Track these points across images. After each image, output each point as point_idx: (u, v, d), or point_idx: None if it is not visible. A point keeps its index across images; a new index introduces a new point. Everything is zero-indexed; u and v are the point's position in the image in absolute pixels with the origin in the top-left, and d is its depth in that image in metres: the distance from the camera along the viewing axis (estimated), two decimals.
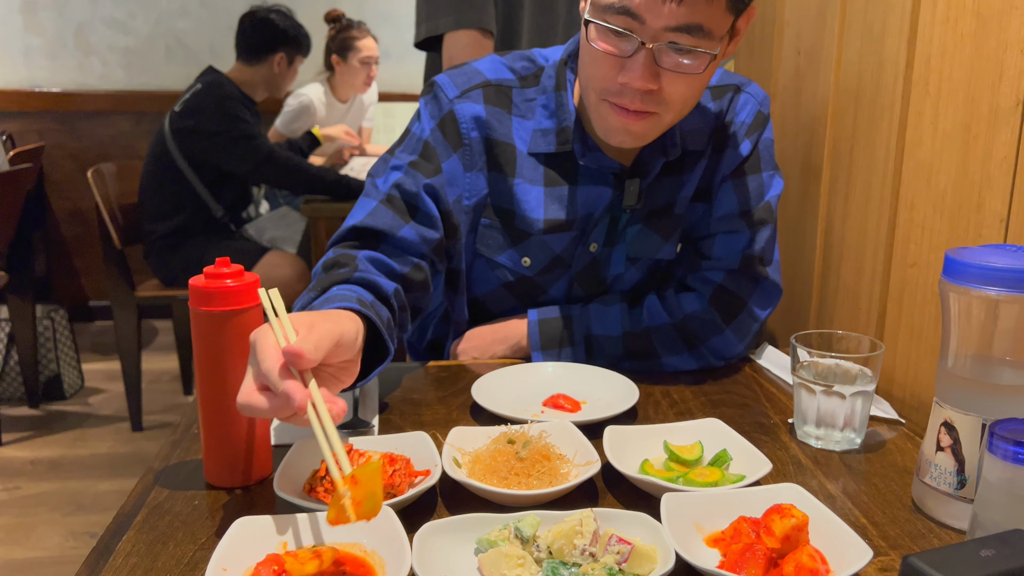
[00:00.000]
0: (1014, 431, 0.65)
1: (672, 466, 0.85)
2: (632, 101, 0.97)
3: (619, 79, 0.97)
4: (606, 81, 0.98)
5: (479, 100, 1.11)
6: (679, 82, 0.96)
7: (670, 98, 0.98)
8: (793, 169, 1.43)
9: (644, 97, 0.97)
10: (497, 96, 1.12)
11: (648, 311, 1.14)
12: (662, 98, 0.98)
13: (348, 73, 3.36)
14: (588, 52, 1.00)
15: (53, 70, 3.79)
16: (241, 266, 0.81)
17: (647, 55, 0.94)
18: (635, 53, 0.94)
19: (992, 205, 0.93)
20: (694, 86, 0.98)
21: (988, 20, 0.94)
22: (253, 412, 0.71)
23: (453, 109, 1.10)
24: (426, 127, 1.11)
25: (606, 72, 0.98)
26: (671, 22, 0.91)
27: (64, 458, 2.63)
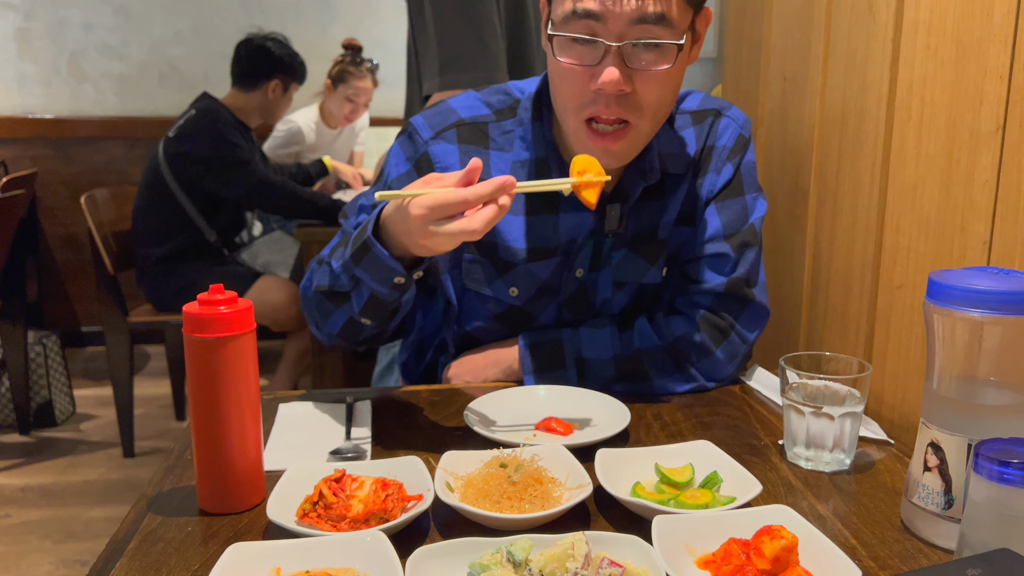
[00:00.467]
0: (999, 451, 0.66)
1: (663, 488, 0.86)
2: (608, 107, 0.99)
3: (591, 86, 0.98)
4: (579, 96, 1.00)
5: (453, 140, 1.13)
6: (651, 83, 0.98)
7: (644, 101, 0.99)
8: (781, 192, 1.45)
9: (619, 101, 0.98)
10: (472, 134, 1.14)
11: (638, 334, 1.15)
12: (636, 102, 0.99)
13: (334, 101, 3.39)
14: (558, 72, 1.02)
15: (47, 97, 3.81)
16: (235, 292, 0.82)
17: (615, 57, 0.96)
18: (603, 59, 0.96)
19: (975, 228, 0.95)
20: (667, 86, 1.00)
21: (968, 48, 0.96)
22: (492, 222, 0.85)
23: (428, 150, 1.13)
24: (396, 169, 1.14)
25: (578, 86, 0.99)
26: (633, 15, 0.94)
27: (55, 485, 2.61)
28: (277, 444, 0.99)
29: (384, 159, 1.19)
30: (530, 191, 0.94)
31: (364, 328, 1.07)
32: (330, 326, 1.10)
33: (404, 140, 1.16)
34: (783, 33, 1.43)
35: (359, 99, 3.40)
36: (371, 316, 1.04)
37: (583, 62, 0.98)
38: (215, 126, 2.68)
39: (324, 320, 1.10)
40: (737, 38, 1.66)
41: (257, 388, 0.83)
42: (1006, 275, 0.76)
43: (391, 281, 0.98)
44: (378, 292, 1.00)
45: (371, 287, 1.00)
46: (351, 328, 1.08)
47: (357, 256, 0.98)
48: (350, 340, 1.11)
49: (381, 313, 1.04)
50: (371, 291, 1.00)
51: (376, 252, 0.95)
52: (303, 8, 3.90)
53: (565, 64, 0.99)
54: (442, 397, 1.14)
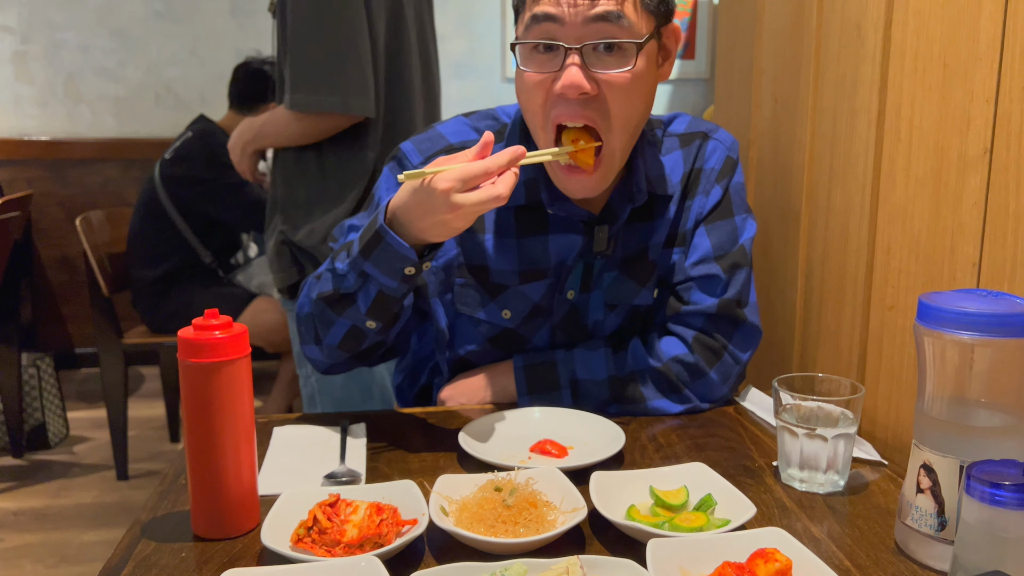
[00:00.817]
0: (990, 473, 0.66)
1: (658, 511, 0.86)
2: (571, 112, 1.00)
3: (555, 90, 0.99)
4: (544, 105, 1.01)
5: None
6: (615, 89, 0.99)
7: (611, 109, 1.00)
8: (772, 213, 1.46)
9: (585, 105, 0.99)
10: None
11: (632, 355, 1.15)
12: (604, 108, 1.00)
13: None
14: (523, 87, 1.03)
15: (43, 119, 3.82)
16: (229, 317, 0.82)
17: (575, 58, 0.97)
18: (564, 63, 0.98)
19: (964, 250, 0.96)
20: (632, 95, 1.01)
21: (955, 72, 0.97)
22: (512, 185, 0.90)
23: None
24: (387, 194, 1.15)
25: (541, 96, 1.01)
26: (589, 13, 0.96)
27: (48, 508, 2.59)
28: (271, 468, 0.99)
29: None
30: (535, 161, 0.98)
31: (367, 335, 1.06)
32: (331, 336, 1.08)
33: (393, 166, 1.17)
34: (774, 56, 1.45)
35: None
36: (378, 316, 1.03)
37: (545, 69, 1.00)
38: (211, 148, 2.69)
39: (325, 330, 1.08)
40: (728, 60, 1.68)
41: (252, 412, 0.84)
42: (995, 297, 0.76)
43: (402, 272, 0.97)
44: (387, 287, 0.99)
45: (380, 282, 0.99)
46: (354, 336, 1.06)
47: (367, 249, 0.98)
48: (351, 350, 1.09)
49: (387, 312, 1.03)
50: (380, 287, 1.00)
51: (389, 240, 0.95)
52: None
53: (529, 74, 1.01)
54: (437, 419, 1.14)
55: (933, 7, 1.01)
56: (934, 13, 1.00)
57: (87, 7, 3.77)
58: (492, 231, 1.14)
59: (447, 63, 4.06)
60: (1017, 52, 0.88)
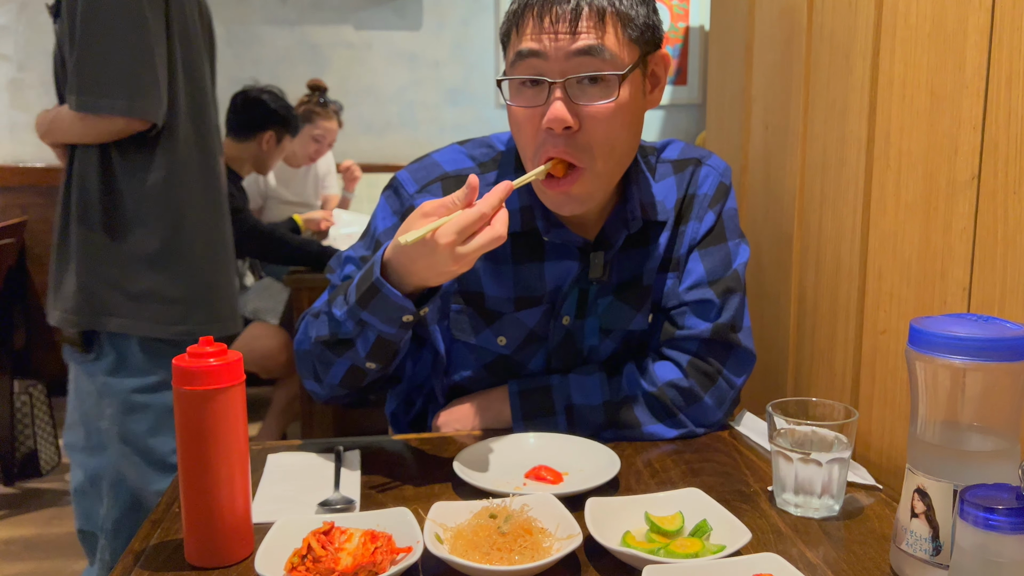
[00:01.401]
0: (984, 497, 0.66)
1: (653, 537, 0.86)
2: (556, 146, 1.01)
3: (542, 125, 1.01)
4: (534, 139, 1.03)
5: (438, 193, 1.14)
6: (598, 120, 1.00)
7: (593, 140, 1.01)
8: (765, 238, 1.47)
9: (568, 141, 1.01)
10: (457, 187, 1.14)
11: (627, 380, 1.16)
12: (586, 142, 1.01)
13: (299, 141, 3.42)
14: (513, 121, 1.05)
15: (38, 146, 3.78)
16: (224, 344, 0.82)
17: (559, 92, 0.99)
18: (549, 97, 0.99)
19: (955, 274, 0.97)
20: (615, 124, 1.02)
21: (942, 99, 0.99)
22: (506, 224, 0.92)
23: (413, 204, 1.14)
24: (384, 223, 1.16)
25: (531, 130, 1.03)
26: (571, 47, 0.98)
27: (39, 537, 2.57)
28: (265, 496, 0.98)
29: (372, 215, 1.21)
30: (521, 184, 0.99)
31: (368, 373, 1.07)
32: (332, 376, 1.09)
33: (390, 195, 1.18)
34: (764, 84, 1.47)
35: (325, 139, 3.44)
36: (378, 359, 1.04)
37: (532, 104, 1.01)
38: None
39: (325, 371, 1.09)
40: (720, 87, 1.70)
41: (246, 439, 0.83)
42: (986, 322, 0.77)
43: (400, 320, 0.99)
44: (386, 333, 1.01)
45: (379, 329, 1.00)
46: (354, 375, 1.07)
47: (364, 300, 0.99)
48: (351, 387, 1.10)
49: (388, 354, 1.04)
50: (378, 333, 1.01)
51: (386, 292, 0.96)
52: (294, 59, 3.96)
53: (517, 109, 1.03)
54: (432, 445, 1.14)
55: (920, 36, 1.02)
56: (921, 42, 1.02)
57: None
58: (488, 258, 1.15)
59: (442, 90, 4.10)
60: (1003, 80, 0.89)
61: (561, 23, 0.97)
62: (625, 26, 1.00)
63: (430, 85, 4.08)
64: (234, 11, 3.88)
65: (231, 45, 3.91)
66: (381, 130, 4.08)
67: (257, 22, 3.90)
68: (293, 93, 3.28)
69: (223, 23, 3.87)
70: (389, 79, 4.05)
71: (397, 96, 4.07)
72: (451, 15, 4.05)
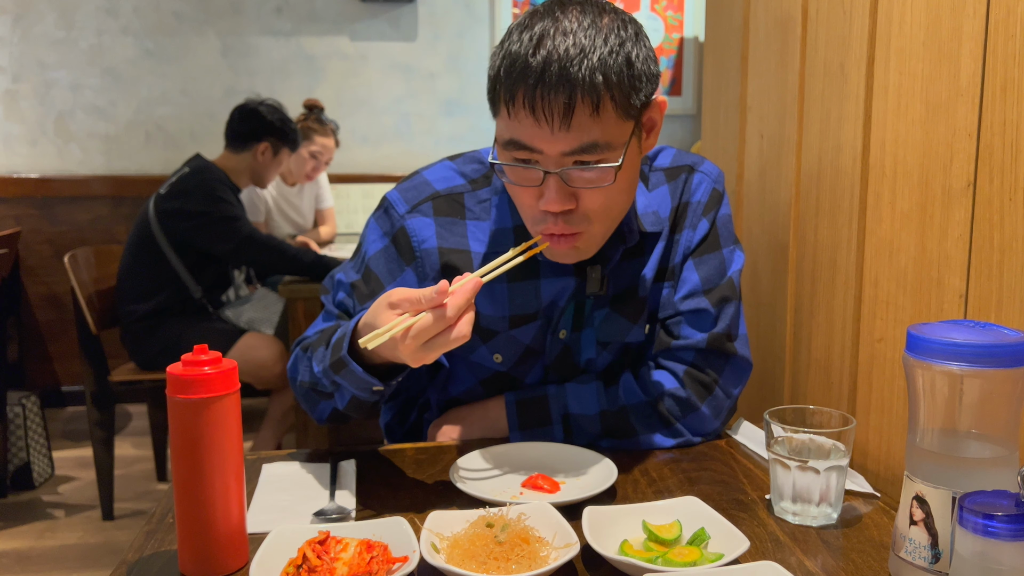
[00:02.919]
0: (983, 504, 0.66)
1: (651, 546, 0.85)
2: (556, 224, 0.99)
3: (540, 207, 0.98)
4: (531, 211, 1.01)
5: (429, 213, 1.14)
6: (595, 195, 0.98)
7: (591, 212, 0.99)
8: (761, 247, 1.47)
9: (567, 219, 0.99)
10: (448, 205, 1.15)
11: (624, 389, 1.15)
12: (583, 215, 0.99)
13: (296, 159, 3.42)
14: (509, 187, 1.03)
15: (32, 157, 3.83)
16: (219, 353, 0.82)
17: (555, 180, 0.96)
18: (544, 180, 0.97)
19: (951, 282, 0.97)
20: (613, 195, 0.99)
21: (936, 108, 0.99)
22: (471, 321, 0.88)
23: (404, 225, 1.14)
24: (373, 246, 1.16)
25: (527, 202, 1.00)
26: (565, 147, 0.93)
27: (32, 550, 2.55)
28: (260, 506, 0.98)
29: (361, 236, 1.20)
30: (495, 275, 0.95)
31: (351, 417, 1.12)
32: (319, 413, 1.14)
33: (380, 215, 1.17)
34: (759, 93, 1.47)
35: (322, 157, 3.45)
36: (357, 412, 1.09)
37: (527, 183, 0.99)
38: (207, 183, 2.72)
39: (313, 407, 1.14)
40: (715, 97, 1.70)
41: (241, 449, 0.83)
42: (984, 328, 0.77)
43: (370, 389, 1.02)
44: (359, 395, 1.04)
45: (352, 392, 1.04)
46: (339, 416, 1.13)
47: (336, 367, 1.01)
48: (340, 423, 1.16)
49: (365, 409, 1.09)
50: (352, 395, 1.04)
51: (352, 368, 0.98)
52: (290, 70, 3.96)
53: (511, 184, 1.01)
54: (428, 455, 1.14)
55: (914, 45, 1.03)
56: (915, 51, 1.03)
57: (78, 47, 3.80)
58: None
59: (437, 101, 4.11)
60: (998, 87, 0.90)
61: (555, 120, 0.91)
62: (619, 107, 0.94)
63: (425, 96, 4.09)
64: (229, 22, 3.88)
65: (226, 56, 3.91)
66: (376, 141, 4.08)
67: (252, 33, 3.91)
68: (289, 104, 3.28)
69: (218, 34, 3.88)
70: (384, 90, 4.06)
71: (392, 107, 4.07)
72: (446, 27, 4.06)
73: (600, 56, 0.91)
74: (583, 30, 0.92)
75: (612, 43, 0.92)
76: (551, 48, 0.91)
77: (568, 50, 0.91)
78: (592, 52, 0.91)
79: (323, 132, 3.41)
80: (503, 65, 0.94)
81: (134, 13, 3.82)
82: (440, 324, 0.87)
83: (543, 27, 0.93)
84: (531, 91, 0.91)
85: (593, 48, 0.91)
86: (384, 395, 1.04)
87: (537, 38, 0.92)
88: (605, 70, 0.91)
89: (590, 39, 0.92)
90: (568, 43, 0.91)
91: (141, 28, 3.83)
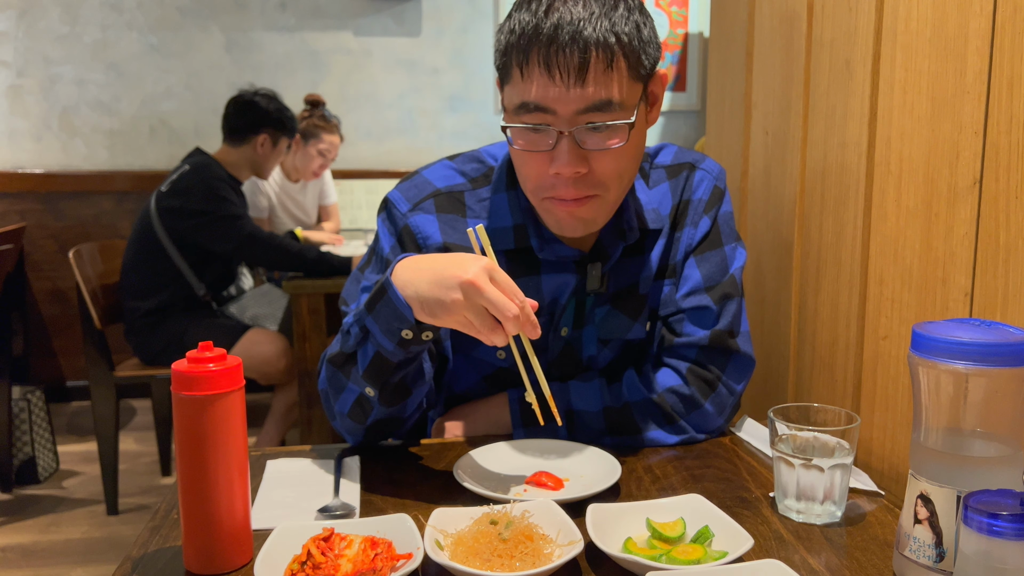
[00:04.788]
0: (988, 503, 0.66)
1: (655, 543, 0.85)
2: (567, 190, 1.00)
3: (550, 171, 0.99)
4: (539, 178, 1.01)
5: (431, 210, 1.14)
6: (607, 159, 0.99)
7: (603, 177, 1.00)
8: (765, 244, 1.47)
9: (577, 183, 1.00)
10: (449, 203, 1.15)
11: (627, 386, 1.15)
12: (596, 179, 1.00)
13: (303, 157, 3.42)
14: (516, 156, 1.03)
15: (37, 152, 3.84)
16: (224, 349, 0.82)
17: (568, 141, 0.97)
18: (557, 143, 0.97)
19: (956, 280, 0.97)
20: (624, 159, 1.01)
21: (942, 105, 0.99)
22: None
23: (408, 223, 1.14)
24: (386, 244, 1.16)
25: (537, 169, 1.01)
26: (580, 105, 0.95)
27: (37, 544, 2.56)
28: (265, 502, 0.98)
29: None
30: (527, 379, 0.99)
31: (372, 405, 1.05)
32: (341, 403, 1.08)
33: (385, 217, 1.17)
34: (764, 90, 1.47)
35: (330, 154, 3.45)
36: (372, 379, 1.02)
37: (538, 148, 0.99)
38: (208, 181, 2.71)
39: (336, 396, 1.09)
40: (719, 93, 1.70)
41: (245, 445, 0.83)
42: (988, 327, 0.77)
43: (399, 334, 0.97)
44: (384, 348, 0.98)
45: (378, 341, 0.98)
46: (360, 405, 1.06)
47: (372, 302, 0.98)
48: (359, 421, 1.09)
49: (382, 378, 1.02)
50: (377, 348, 0.99)
51: (391, 294, 0.95)
52: (294, 65, 3.96)
53: (521, 152, 1.01)
54: (431, 452, 1.14)
55: (920, 42, 1.02)
56: (922, 48, 1.02)
57: (83, 42, 3.80)
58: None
59: (441, 96, 4.10)
60: (1004, 84, 0.89)
61: (570, 76, 0.94)
62: (631, 67, 0.97)
63: (429, 92, 4.09)
64: (233, 18, 3.88)
65: (230, 52, 3.91)
66: (380, 137, 4.08)
67: (257, 29, 3.91)
68: (292, 100, 3.28)
69: (222, 29, 3.88)
70: (388, 86, 4.05)
71: (396, 103, 4.07)
72: (450, 22, 4.05)
73: (611, 19, 0.95)
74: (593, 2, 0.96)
75: (621, 11, 0.97)
76: (562, 12, 0.95)
77: (579, 13, 0.95)
78: (603, 16, 0.95)
79: (329, 129, 3.41)
80: (513, 34, 0.98)
81: (138, 8, 3.82)
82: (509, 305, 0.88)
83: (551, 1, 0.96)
84: (544, 49, 0.94)
85: (603, 13, 0.95)
86: (407, 353, 1.00)
87: (547, 5, 0.96)
88: (616, 31, 0.95)
89: (600, 5, 0.96)
90: (579, 8, 0.95)
91: (145, 23, 3.83)
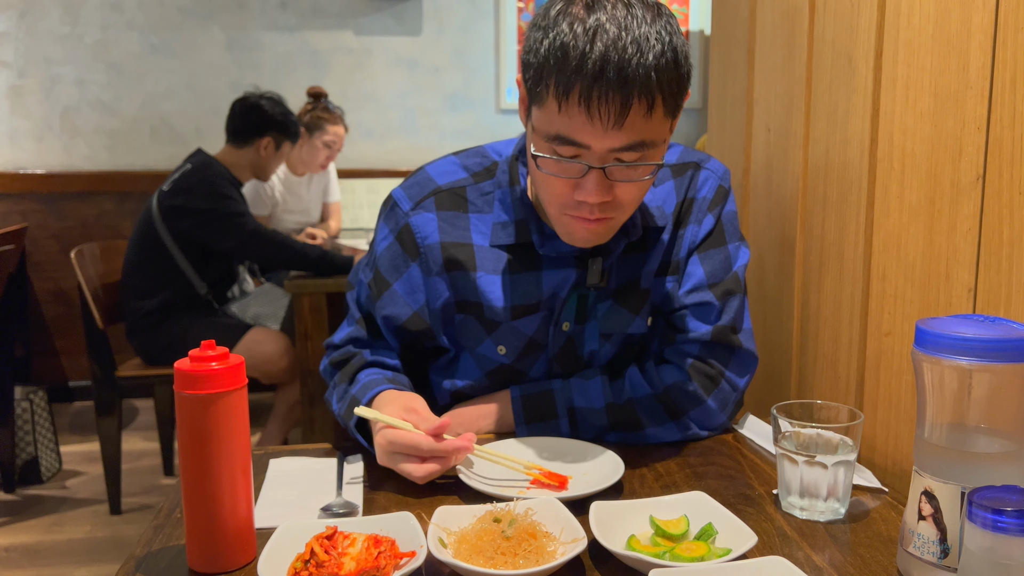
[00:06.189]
0: (992, 499, 0.66)
1: (659, 541, 0.85)
2: (591, 212, 1.00)
3: (576, 196, 0.99)
4: (563, 198, 1.01)
5: (432, 208, 1.15)
6: (632, 188, 0.99)
7: (623, 202, 1.01)
8: (768, 242, 1.47)
9: (601, 206, 1.00)
10: (450, 200, 1.16)
11: (630, 383, 1.15)
12: (617, 203, 1.01)
13: (309, 150, 3.41)
14: (541, 178, 1.02)
15: (38, 152, 3.84)
16: (226, 348, 0.82)
17: (598, 174, 0.96)
18: (586, 174, 0.97)
19: (960, 276, 0.96)
20: (646, 186, 1.02)
21: (945, 100, 0.98)
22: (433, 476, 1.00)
23: (408, 222, 1.15)
24: (382, 244, 1.18)
25: (561, 190, 1.00)
26: (615, 144, 0.94)
27: (40, 544, 2.56)
28: (268, 501, 0.98)
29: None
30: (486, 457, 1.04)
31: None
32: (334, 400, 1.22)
33: (387, 214, 1.19)
34: (766, 87, 1.46)
35: (335, 145, 3.44)
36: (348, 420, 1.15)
37: (567, 175, 0.98)
38: (210, 179, 2.71)
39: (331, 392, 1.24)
40: (721, 91, 1.69)
41: (248, 444, 0.83)
42: (992, 323, 0.77)
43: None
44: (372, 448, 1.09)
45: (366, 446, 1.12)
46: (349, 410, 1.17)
47: (346, 419, 1.14)
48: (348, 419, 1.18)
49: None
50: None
51: (359, 439, 1.12)
52: (294, 64, 3.96)
53: (548, 176, 1.00)
54: None
55: (923, 37, 1.02)
56: (924, 43, 1.02)
57: (84, 42, 3.80)
58: (484, 269, 1.14)
59: (442, 95, 4.10)
60: (1007, 79, 0.89)
61: (610, 119, 0.91)
62: (668, 109, 0.95)
63: (430, 91, 4.09)
64: (234, 17, 3.88)
65: (231, 51, 3.91)
66: (382, 136, 4.08)
67: (257, 28, 3.91)
68: (293, 99, 3.28)
69: (223, 29, 3.88)
70: (389, 85, 4.05)
71: (397, 102, 4.07)
72: (451, 21, 4.05)
73: (654, 54, 0.90)
74: (636, 23, 0.91)
75: (664, 38, 0.92)
76: (607, 43, 0.89)
77: (626, 47, 0.89)
78: (648, 50, 0.90)
79: (333, 120, 3.40)
80: (553, 55, 0.92)
81: (139, 8, 3.82)
82: (411, 447, 0.99)
83: (596, 20, 0.91)
84: (588, 90, 0.90)
85: (648, 45, 0.90)
86: None
87: (592, 31, 0.90)
88: (659, 70, 0.91)
89: (644, 35, 0.90)
90: (626, 39, 0.90)
91: (146, 23, 3.83)
